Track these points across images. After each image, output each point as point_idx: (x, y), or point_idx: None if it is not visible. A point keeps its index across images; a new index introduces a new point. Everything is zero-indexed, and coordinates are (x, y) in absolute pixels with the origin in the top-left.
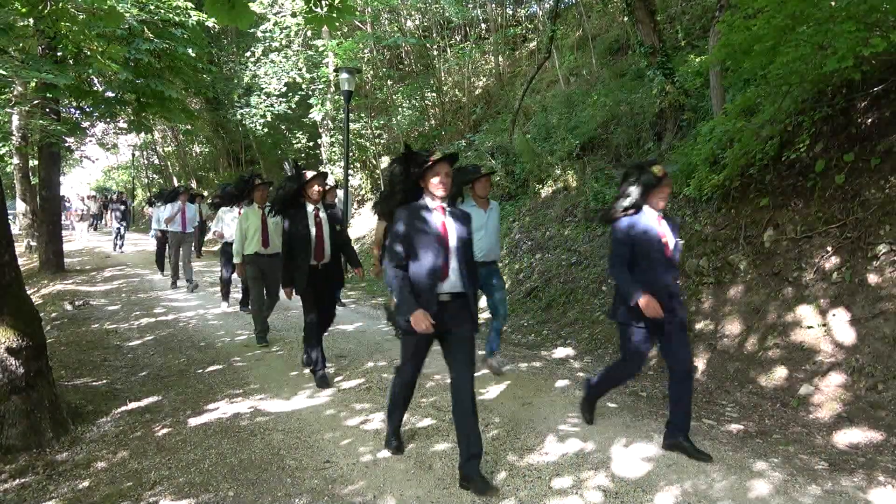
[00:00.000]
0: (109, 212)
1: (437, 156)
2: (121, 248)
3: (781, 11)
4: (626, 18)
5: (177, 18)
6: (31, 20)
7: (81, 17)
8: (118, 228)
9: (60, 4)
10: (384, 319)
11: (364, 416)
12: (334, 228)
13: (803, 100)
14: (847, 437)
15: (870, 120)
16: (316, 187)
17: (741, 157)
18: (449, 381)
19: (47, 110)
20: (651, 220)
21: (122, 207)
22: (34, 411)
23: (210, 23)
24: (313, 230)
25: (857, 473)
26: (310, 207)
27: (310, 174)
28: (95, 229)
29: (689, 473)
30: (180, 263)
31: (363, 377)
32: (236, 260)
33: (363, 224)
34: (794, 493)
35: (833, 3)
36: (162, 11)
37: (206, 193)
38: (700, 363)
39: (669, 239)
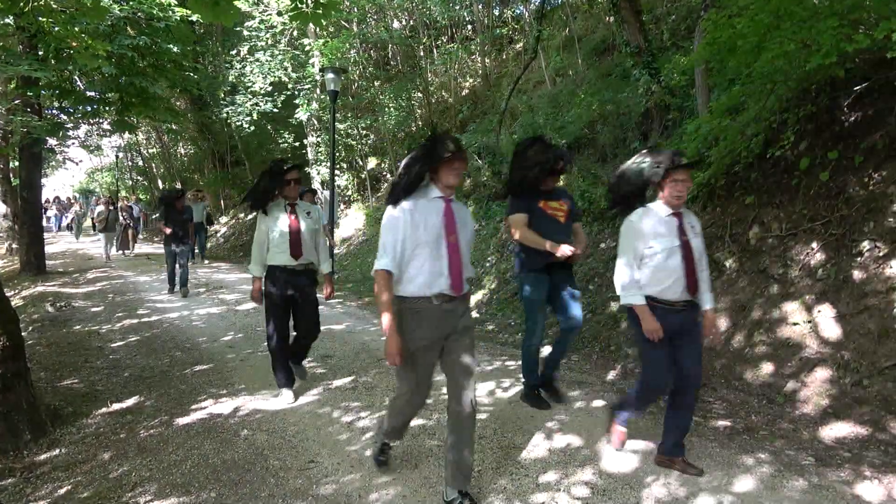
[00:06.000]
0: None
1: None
2: (181, 286)
3: (765, 9)
4: (612, 19)
5: (161, 14)
6: (11, 17)
7: (63, 13)
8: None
9: (42, 1)
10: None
11: (350, 416)
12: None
13: (788, 98)
14: (833, 432)
15: (853, 117)
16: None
17: (726, 156)
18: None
19: (28, 109)
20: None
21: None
22: (11, 413)
23: (195, 18)
24: None
25: (843, 468)
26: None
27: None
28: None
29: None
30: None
31: (350, 377)
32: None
33: (350, 225)
34: (781, 488)
35: (816, 1)
36: (145, 6)
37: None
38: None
39: None
